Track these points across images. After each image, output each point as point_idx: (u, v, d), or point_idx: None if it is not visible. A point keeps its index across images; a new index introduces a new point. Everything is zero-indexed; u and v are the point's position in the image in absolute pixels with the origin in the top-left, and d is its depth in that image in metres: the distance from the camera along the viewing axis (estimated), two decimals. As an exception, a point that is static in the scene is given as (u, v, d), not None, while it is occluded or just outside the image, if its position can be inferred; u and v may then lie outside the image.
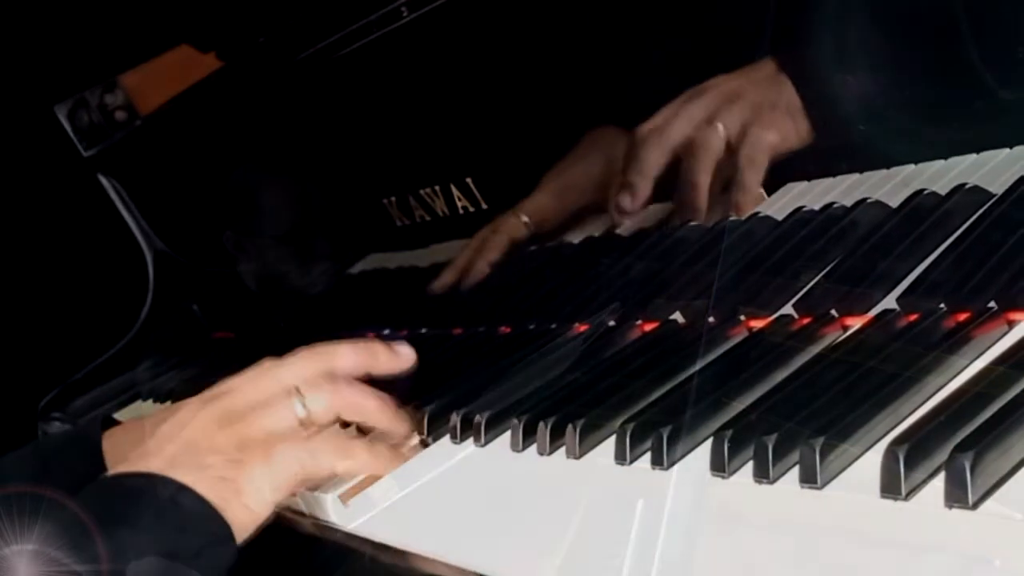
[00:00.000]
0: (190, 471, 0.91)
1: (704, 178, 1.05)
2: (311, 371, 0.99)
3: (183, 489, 0.89)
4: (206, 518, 0.89)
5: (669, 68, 1.03)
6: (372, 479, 0.99)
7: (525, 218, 1.19)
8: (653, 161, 1.08)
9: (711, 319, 0.98)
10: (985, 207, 0.87)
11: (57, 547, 0.84)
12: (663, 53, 1.03)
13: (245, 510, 0.92)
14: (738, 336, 0.94)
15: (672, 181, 1.08)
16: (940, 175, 0.91)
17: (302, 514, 1.04)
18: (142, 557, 0.85)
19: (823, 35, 0.92)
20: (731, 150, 1.03)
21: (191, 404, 0.98)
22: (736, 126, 1.01)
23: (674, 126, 1.05)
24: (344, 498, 0.97)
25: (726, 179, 1.05)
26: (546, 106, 1.15)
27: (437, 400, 1.03)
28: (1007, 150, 0.87)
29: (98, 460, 1.11)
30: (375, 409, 0.99)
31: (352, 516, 0.96)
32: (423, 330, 1.36)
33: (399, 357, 1.03)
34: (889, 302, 0.86)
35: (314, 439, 0.96)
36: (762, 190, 1.03)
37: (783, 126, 0.99)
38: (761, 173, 1.03)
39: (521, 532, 0.79)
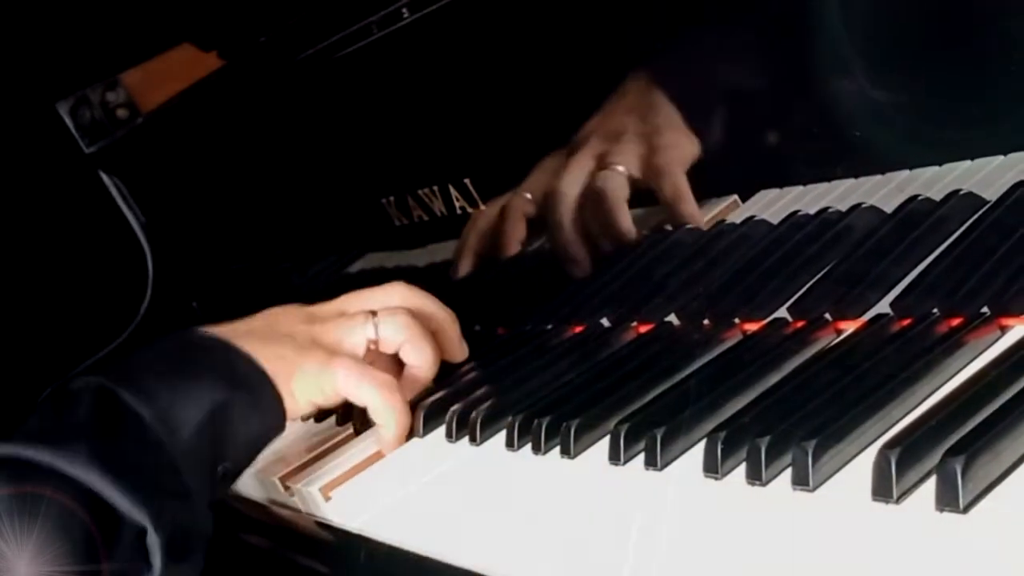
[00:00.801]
0: (260, 343, 0.98)
1: (623, 220, 1.11)
2: (397, 301, 1.06)
3: (242, 354, 0.97)
4: (257, 382, 0.96)
5: (667, 70, 1.02)
6: (357, 471, 0.99)
7: (528, 195, 1.20)
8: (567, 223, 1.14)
9: (706, 321, 0.98)
10: (979, 213, 0.87)
11: (122, 386, 0.90)
12: (661, 55, 1.02)
13: (290, 394, 0.98)
14: (732, 339, 0.94)
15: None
16: (934, 181, 0.90)
17: (285, 506, 1.04)
18: (194, 408, 0.91)
19: (813, 38, 0.91)
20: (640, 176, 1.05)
21: (292, 305, 1.07)
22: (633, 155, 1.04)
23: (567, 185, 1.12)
24: (326, 490, 0.97)
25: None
26: (544, 109, 1.15)
27: (432, 397, 1.03)
28: (1001, 157, 0.86)
29: None
30: (428, 362, 1.06)
31: (340, 510, 0.97)
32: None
33: (461, 350, 1.11)
34: (883, 306, 0.86)
35: (371, 369, 1.01)
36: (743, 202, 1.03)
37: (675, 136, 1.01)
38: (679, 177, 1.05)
39: (514, 530, 0.79)
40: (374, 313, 1.05)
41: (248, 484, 1.09)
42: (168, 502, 0.86)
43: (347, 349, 1.03)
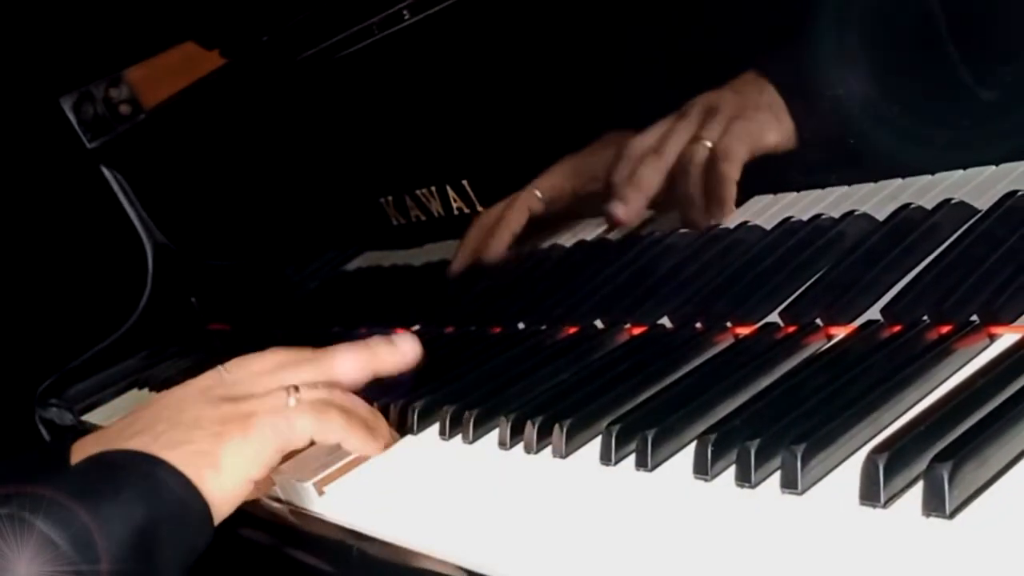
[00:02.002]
0: (171, 445, 0.90)
1: (696, 192, 1.05)
2: (312, 376, 1.00)
3: (160, 462, 0.88)
4: (181, 490, 0.88)
5: (665, 73, 1.02)
6: (351, 467, 0.99)
7: (538, 193, 1.19)
8: (648, 180, 1.08)
9: (698, 325, 0.97)
10: (970, 222, 0.87)
11: (38, 517, 0.82)
12: (659, 58, 1.02)
13: (222, 486, 0.90)
14: (724, 342, 0.94)
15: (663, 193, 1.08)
16: (927, 190, 0.91)
17: (279, 500, 1.04)
18: (117, 529, 0.83)
19: (811, 47, 0.91)
20: (715, 161, 1.03)
21: (190, 387, 0.99)
22: (719, 137, 1.01)
23: (666, 147, 1.06)
24: (320, 485, 0.97)
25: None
26: (542, 111, 1.15)
27: (426, 396, 1.03)
28: (993, 167, 0.87)
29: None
30: (349, 432, 0.98)
31: (330, 505, 0.97)
32: (415, 327, 1.36)
33: (401, 353, 1.05)
34: (873, 313, 0.86)
35: (292, 409, 0.95)
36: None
37: (763, 133, 0.99)
38: (733, 183, 1.03)
39: (504, 528, 0.79)
40: (291, 388, 0.97)
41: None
42: None
43: (261, 410, 0.95)
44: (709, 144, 1.02)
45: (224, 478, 0.91)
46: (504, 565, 0.76)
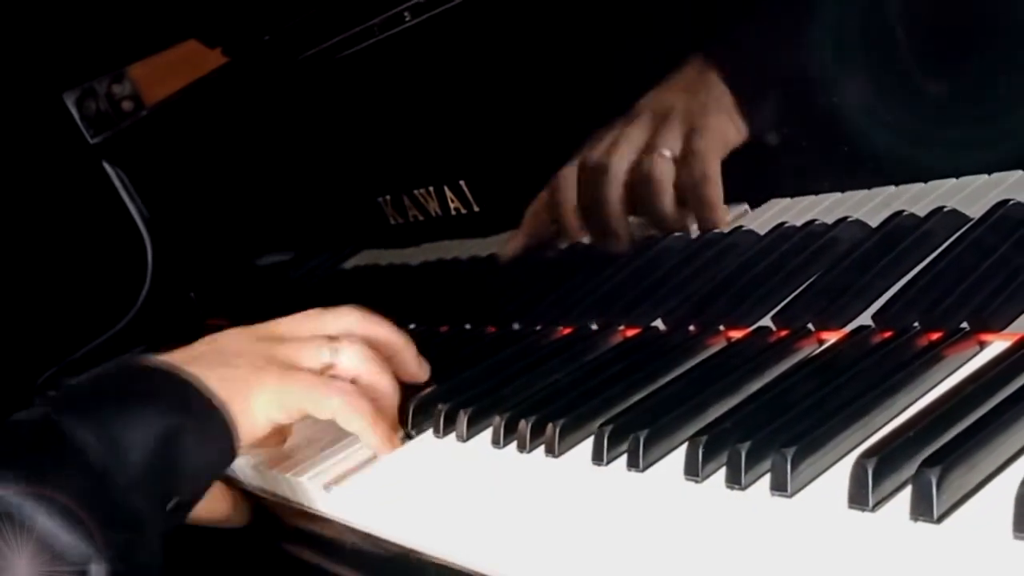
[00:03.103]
0: (209, 367, 0.93)
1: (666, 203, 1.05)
2: (352, 327, 1.02)
3: (192, 379, 0.91)
4: (208, 407, 0.91)
5: (663, 74, 1.02)
6: (353, 469, 0.99)
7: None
8: (611, 198, 1.09)
9: (691, 327, 0.97)
10: (962, 230, 0.87)
11: (65, 414, 0.85)
12: (657, 60, 1.02)
13: (248, 415, 0.93)
14: (717, 345, 0.94)
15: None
16: (919, 197, 0.90)
17: (287, 499, 1.04)
18: (142, 432, 0.85)
19: (806, 53, 0.91)
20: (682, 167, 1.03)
21: (244, 328, 1.03)
22: (678, 142, 1.02)
23: (616, 163, 1.07)
24: (326, 485, 0.97)
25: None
26: (540, 114, 1.15)
27: (422, 394, 1.03)
28: (985, 176, 0.86)
29: None
30: (387, 393, 1.00)
31: (331, 502, 0.97)
32: (411, 326, 1.36)
33: (420, 372, 1.06)
34: (865, 318, 0.86)
35: (332, 381, 0.97)
36: (745, 205, 1.03)
37: (725, 131, 0.99)
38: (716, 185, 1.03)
39: (496, 526, 0.79)
40: (331, 339, 1.00)
41: (248, 475, 1.09)
42: (113, 533, 0.81)
43: (304, 368, 0.98)
44: (667, 154, 1.03)
45: (251, 409, 0.93)
46: (495, 563, 0.76)
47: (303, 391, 0.96)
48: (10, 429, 0.85)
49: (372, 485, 0.95)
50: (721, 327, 0.95)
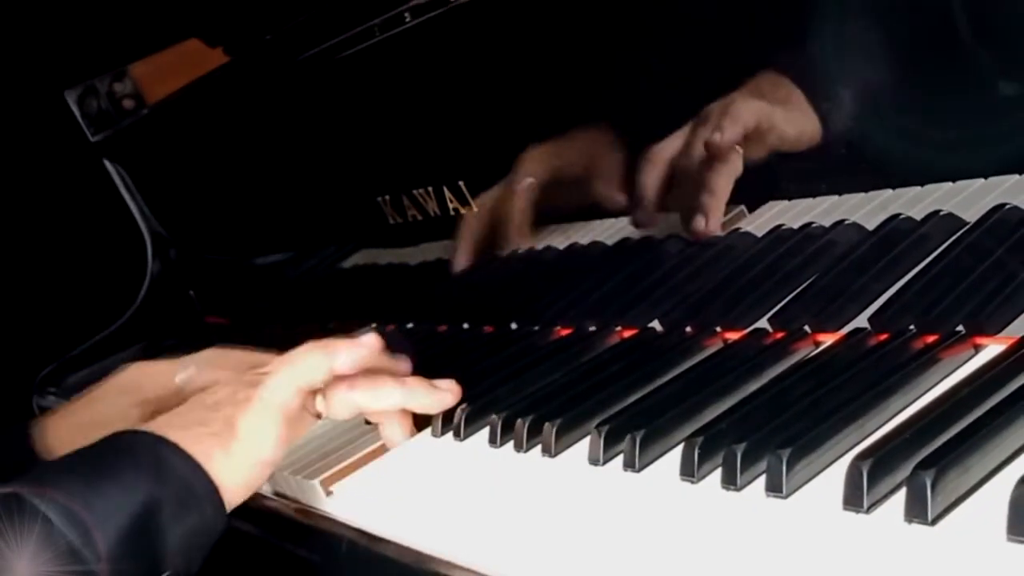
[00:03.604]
0: (185, 427, 0.87)
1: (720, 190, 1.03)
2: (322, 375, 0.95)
3: (165, 443, 0.85)
4: (186, 471, 0.84)
5: (661, 76, 1.02)
6: (352, 468, 0.99)
7: (530, 179, 1.18)
8: (654, 183, 1.07)
9: (688, 329, 0.97)
10: (958, 234, 0.87)
11: (31, 490, 0.79)
12: (655, 61, 1.02)
13: (233, 467, 0.87)
14: (713, 346, 0.94)
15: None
16: (916, 200, 0.90)
17: (285, 497, 1.04)
18: (117, 510, 0.80)
19: (807, 57, 0.92)
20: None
21: (226, 375, 0.97)
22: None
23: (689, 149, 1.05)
24: (326, 484, 0.97)
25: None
26: (539, 115, 1.15)
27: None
28: (981, 180, 0.87)
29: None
30: (392, 387, 0.96)
31: (330, 501, 0.97)
32: (409, 325, 1.36)
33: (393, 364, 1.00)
34: (861, 321, 0.86)
35: (298, 356, 0.93)
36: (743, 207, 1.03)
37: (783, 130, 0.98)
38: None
39: (492, 525, 0.79)
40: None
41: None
42: None
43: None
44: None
45: (235, 459, 0.87)
46: (491, 562, 0.76)
47: (285, 385, 0.91)
48: None
49: (369, 484, 0.95)
50: (718, 328, 0.95)
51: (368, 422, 1.04)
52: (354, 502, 0.95)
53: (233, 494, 0.87)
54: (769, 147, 0.96)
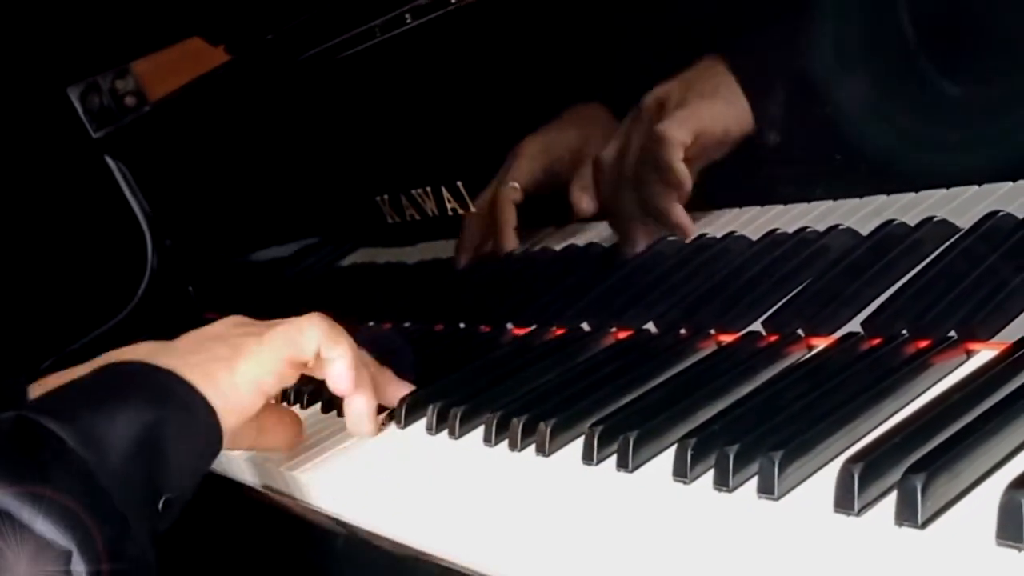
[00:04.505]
0: (184, 357, 0.91)
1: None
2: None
3: (167, 371, 0.88)
4: (187, 396, 0.88)
5: (658, 80, 1.02)
6: (346, 465, 0.99)
7: (514, 184, 1.18)
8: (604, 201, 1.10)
9: (683, 331, 0.97)
10: (951, 240, 0.87)
11: (42, 413, 0.81)
12: (652, 65, 1.02)
13: (231, 394, 0.91)
14: (707, 349, 0.94)
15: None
16: (910, 206, 0.90)
17: (273, 490, 1.04)
18: (122, 431, 0.82)
19: (801, 63, 0.92)
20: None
21: (220, 321, 1.01)
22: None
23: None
24: (312, 476, 0.97)
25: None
26: (537, 116, 1.15)
27: (415, 391, 1.03)
28: (975, 187, 0.86)
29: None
30: (347, 362, 0.98)
31: (317, 493, 0.98)
32: (406, 324, 1.36)
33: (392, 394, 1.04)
34: (854, 325, 0.86)
35: (304, 319, 0.97)
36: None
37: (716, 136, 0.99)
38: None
39: (485, 523, 0.79)
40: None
41: (237, 466, 1.09)
42: (97, 528, 0.77)
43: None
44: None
45: (238, 383, 0.91)
46: (483, 559, 0.76)
47: (281, 341, 0.95)
48: None
49: (364, 481, 0.95)
50: (712, 331, 0.95)
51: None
52: (347, 498, 0.94)
53: (228, 418, 0.90)
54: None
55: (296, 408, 1.17)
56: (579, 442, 0.83)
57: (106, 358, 0.96)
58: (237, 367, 0.92)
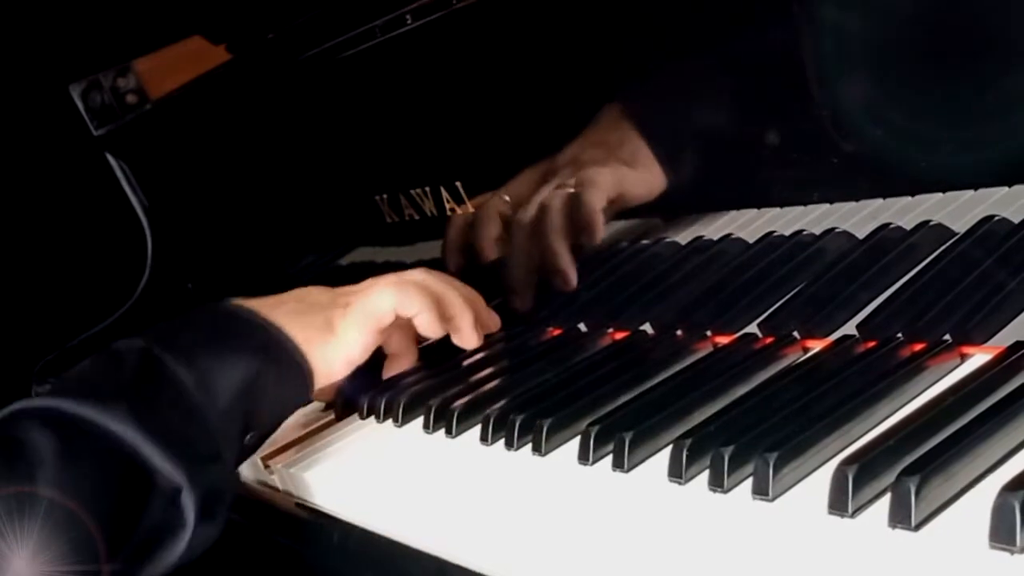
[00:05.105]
0: (293, 314, 0.99)
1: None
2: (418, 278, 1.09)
3: (279, 329, 0.97)
4: (292, 354, 0.97)
5: (654, 80, 1.02)
6: (342, 463, 0.99)
7: (506, 197, 1.19)
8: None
9: (679, 332, 0.97)
10: (947, 244, 0.87)
11: (166, 351, 0.91)
12: (649, 66, 1.02)
13: (326, 358, 0.99)
14: (703, 350, 0.94)
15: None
16: (906, 211, 0.90)
17: (276, 490, 1.04)
18: (233, 375, 0.91)
19: (798, 67, 0.91)
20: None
21: (320, 287, 1.08)
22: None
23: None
24: (309, 473, 0.97)
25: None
26: (535, 117, 1.15)
27: (412, 389, 1.03)
28: (971, 192, 0.86)
29: None
30: (425, 308, 1.07)
31: (315, 490, 0.98)
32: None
33: (473, 337, 1.11)
34: (849, 328, 0.86)
35: (373, 287, 1.06)
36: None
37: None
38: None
39: (480, 521, 0.79)
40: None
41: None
42: (203, 464, 0.86)
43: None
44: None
45: (326, 361, 0.99)
46: (477, 556, 0.76)
47: (360, 316, 1.02)
48: (116, 358, 0.91)
49: (361, 478, 0.95)
50: (708, 332, 0.95)
51: (338, 412, 1.10)
52: (342, 494, 0.95)
53: (320, 378, 0.99)
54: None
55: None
56: (575, 442, 0.83)
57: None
58: (329, 342, 1.00)
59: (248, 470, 1.08)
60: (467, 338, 1.10)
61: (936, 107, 0.85)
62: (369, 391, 1.07)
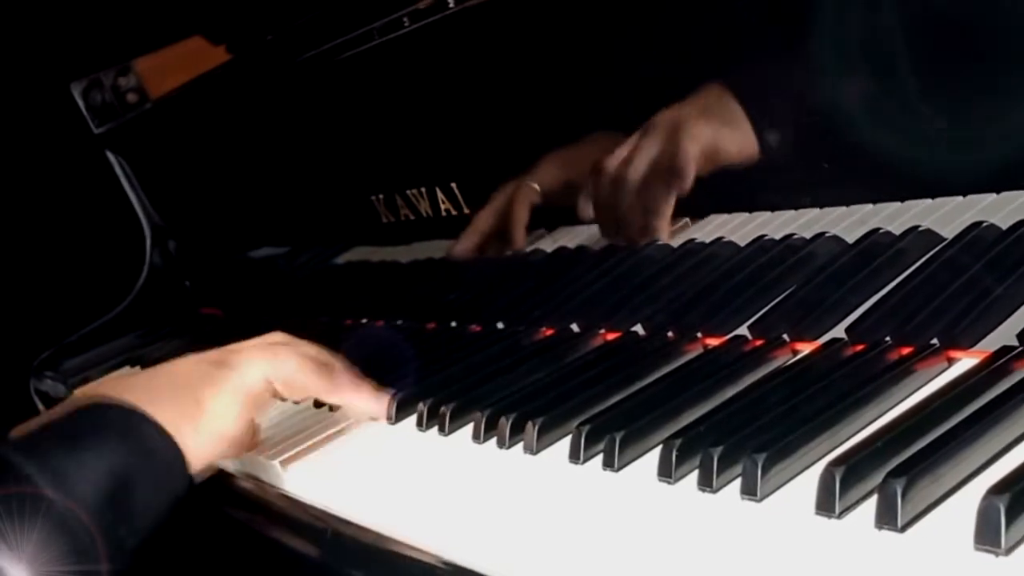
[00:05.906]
0: (157, 400, 0.92)
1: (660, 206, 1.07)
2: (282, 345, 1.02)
3: (141, 414, 0.90)
4: (158, 441, 0.89)
5: (654, 85, 1.02)
6: (336, 461, 0.98)
7: (535, 185, 1.18)
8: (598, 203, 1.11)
9: (670, 333, 0.97)
10: (935, 249, 0.87)
11: (15, 449, 0.83)
12: (648, 72, 1.02)
13: (198, 440, 0.92)
14: (694, 351, 0.94)
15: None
16: (896, 216, 0.90)
17: (260, 482, 1.03)
18: (92, 471, 0.84)
19: (789, 72, 0.91)
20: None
21: (190, 356, 1.01)
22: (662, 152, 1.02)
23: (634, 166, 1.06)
24: (302, 470, 0.97)
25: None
26: (531, 120, 1.15)
27: (406, 388, 1.03)
28: (960, 198, 0.87)
29: None
30: (303, 370, 1.01)
31: (307, 487, 0.98)
32: (399, 321, 1.36)
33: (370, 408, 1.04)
34: (838, 331, 0.86)
35: (279, 346, 1.01)
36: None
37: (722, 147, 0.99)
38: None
39: (473, 519, 0.79)
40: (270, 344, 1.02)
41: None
42: (60, 567, 0.80)
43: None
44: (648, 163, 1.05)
45: (202, 435, 0.93)
46: (468, 553, 0.75)
47: (231, 389, 0.96)
48: None
49: (354, 475, 0.95)
50: (699, 334, 0.95)
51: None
52: (336, 491, 0.94)
53: (196, 462, 0.93)
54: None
55: (288, 403, 1.17)
56: (566, 441, 0.83)
57: (82, 393, 0.96)
58: (200, 421, 0.93)
59: (235, 464, 1.08)
60: (355, 392, 1.04)
61: (926, 113, 0.85)
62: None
